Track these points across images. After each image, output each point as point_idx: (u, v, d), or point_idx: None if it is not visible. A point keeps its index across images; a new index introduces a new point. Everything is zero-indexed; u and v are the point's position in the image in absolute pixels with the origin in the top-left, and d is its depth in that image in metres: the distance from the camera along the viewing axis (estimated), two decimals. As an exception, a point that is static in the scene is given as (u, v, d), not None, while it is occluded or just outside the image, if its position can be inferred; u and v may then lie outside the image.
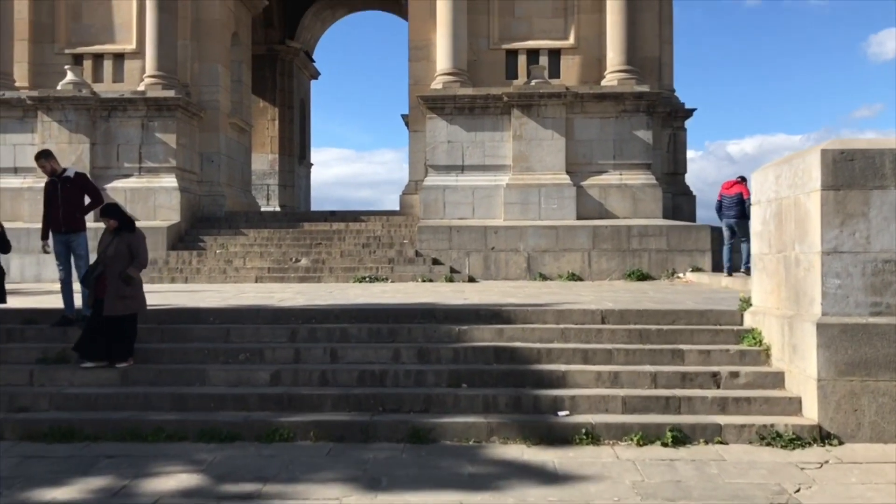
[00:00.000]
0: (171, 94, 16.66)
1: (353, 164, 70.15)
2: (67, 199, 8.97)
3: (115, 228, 7.91)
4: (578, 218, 16.20)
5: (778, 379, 7.35)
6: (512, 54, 17.94)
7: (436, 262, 15.57)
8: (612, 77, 16.78)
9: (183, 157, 17.24)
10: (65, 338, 8.31)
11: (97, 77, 18.08)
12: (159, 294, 11.35)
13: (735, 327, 8.30)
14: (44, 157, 9.18)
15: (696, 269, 15.38)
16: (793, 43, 62.60)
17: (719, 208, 13.85)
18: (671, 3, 18.67)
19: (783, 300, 7.57)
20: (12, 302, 9.63)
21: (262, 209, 22.70)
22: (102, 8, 18.18)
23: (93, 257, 8.49)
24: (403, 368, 7.58)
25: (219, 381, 7.57)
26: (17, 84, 17.49)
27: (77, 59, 18.08)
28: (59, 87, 16.81)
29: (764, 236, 8.16)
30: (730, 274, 13.51)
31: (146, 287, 8.44)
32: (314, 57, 28.04)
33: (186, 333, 8.43)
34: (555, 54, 17.91)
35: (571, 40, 17.77)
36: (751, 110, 67.20)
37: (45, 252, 9.44)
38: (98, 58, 18.16)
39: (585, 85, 16.92)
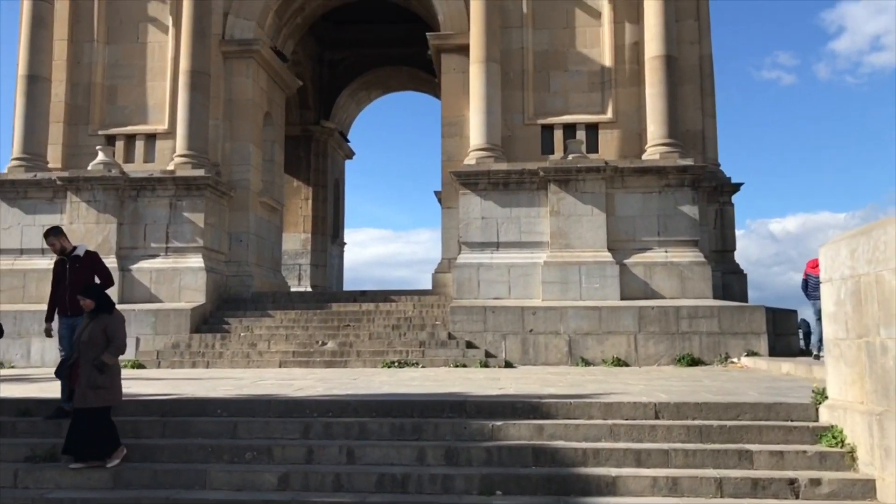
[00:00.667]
0: (200, 173, 16.39)
1: (391, 244, 70.18)
2: (75, 280, 8.42)
3: (92, 309, 7.18)
4: (622, 298, 15.25)
5: (868, 488, 6.24)
6: (548, 129, 17.42)
7: (470, 345, 14.67)
8: (654, 150, 16.08)
9: (210, 236, 16.82)
10: (58, 432, 7.55)
11: (129, 158, 17.97)
12: (172, 381, 10.63)
13: (810, 424, 7.22)
14: (53, 234, 8.70)
15: (752, 354, 14.21)
16: (831, 121, 61.80)
17: (805, 287, 12.84)
18: (712, 76, 18.09)
19: (868, 393, 6.51)
20: (11, 390, 8.98)
21: (293, 290, 22.12)
22: (137, 90, 18.24)
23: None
24: (429, 472, 6.63)
25: (220, 484, 6.70)
26: (49, 165, 17.41)
27: (110, 140, 18.05)
28: (89, 168, 16.67)
29: (839, 319, 7.16)
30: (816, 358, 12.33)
31: (165, 372, 7.78)
32: (349, 137, 28.01)
33: (190, 427, 7.62)
34: (592, 129, 17.35)
35: (609, 114, 17.22)
36: (792, 188, 66.00)
37: (49, 336, 8.86)
38: (130, 138, 18.10)
39: (626, 159, 16.25)
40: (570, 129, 17.30)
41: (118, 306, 8.62)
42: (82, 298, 7.29)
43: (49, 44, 17.62)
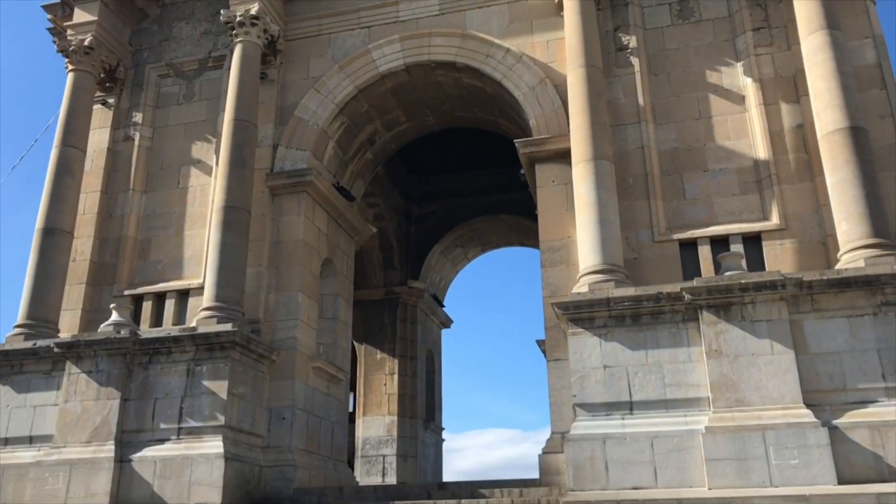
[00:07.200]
0: (225, 327, 12.53)
1: (520, 445, 63.37)
2: None
3: None
4: (841, 481, 9.54)
5: None
6: (688, 246, 12.71)
7: (598, 565, 9.20)
8: (854, 256, 10.93)
9: (238, 412, 12.60)
10: None
11: (157, 321, 14.56)
12: None
13: None
14: None
15: None
16: None
17: None
18: (917, 163, 13.03)
19: None
20: None
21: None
22: (173, 241, 15.16)
23: None
24: None
25: None
26: (62, 334, 14.14)
27: (137, 301, 14.83)
28: (99, 330, 13.23)
29: None
30: None
31: None
32: (446, 303, 24.02)
33: None
34: (752, 241, 12.49)
35: (775, 220, 12.40)
36: None
37: None
38: (160, 298, 14.76)
39: (814, 272, 11.10)
40: (720, 244, 12.51)
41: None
42: None
43: (74, 194, 15.04)
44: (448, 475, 32.16)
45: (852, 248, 11.01)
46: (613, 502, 9.62)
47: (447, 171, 22.47)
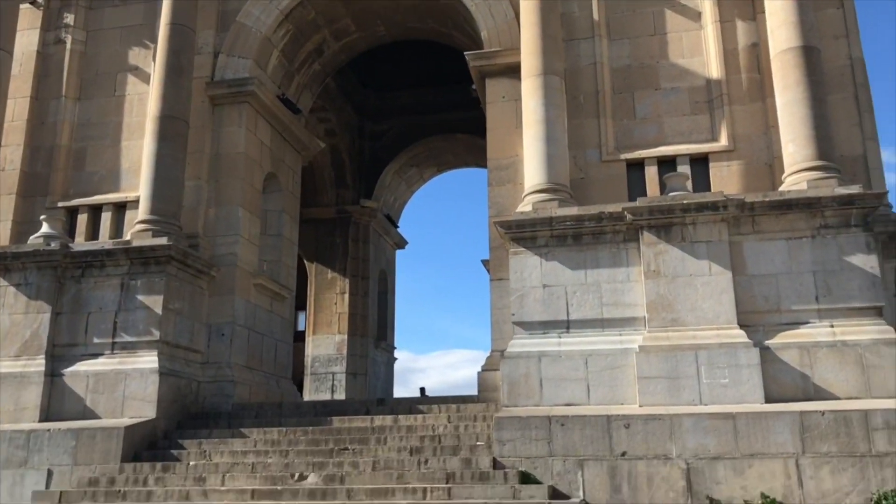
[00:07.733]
0: (160, 241, 12.16)
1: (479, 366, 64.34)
2: None
3: None
4: (769, 399, 9.70)
5: None
6: (636, 167, 12.52)
7: (526, 478, 9.28)
8: (798, 178, 10.84)
9: (175, 327, 12.36)
10: None
11: (93, 233, 14.12)
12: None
13: None
14: None
15: None
16: None
17: None
18: (867, 86, 12.70)
19: None
20: None
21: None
22: (110, 152, 14.59)
23: None
24: None
25: None
26: (-8, 246, 13.65)
27: (72, 214, 14.33)
28: (29, 242, 12.79)
29: None
30: None
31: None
32: (401, 224, 23.73)
33: None
34: (700, 162, 12.34)
35: (723, 141, 12.22)
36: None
37: None
38: (96, 210, 14.27)
39: (757, 193, 11.02)
40: (667, 165, 12.35)
41: (41, 424, 7.55)
42: None
43: (1, 99, 14.26)
44: (409, 393, 32.53)
45: (796, 171, 10.90)
46: (544, 417, 9.66)
47: (404, 87, 21.82)
